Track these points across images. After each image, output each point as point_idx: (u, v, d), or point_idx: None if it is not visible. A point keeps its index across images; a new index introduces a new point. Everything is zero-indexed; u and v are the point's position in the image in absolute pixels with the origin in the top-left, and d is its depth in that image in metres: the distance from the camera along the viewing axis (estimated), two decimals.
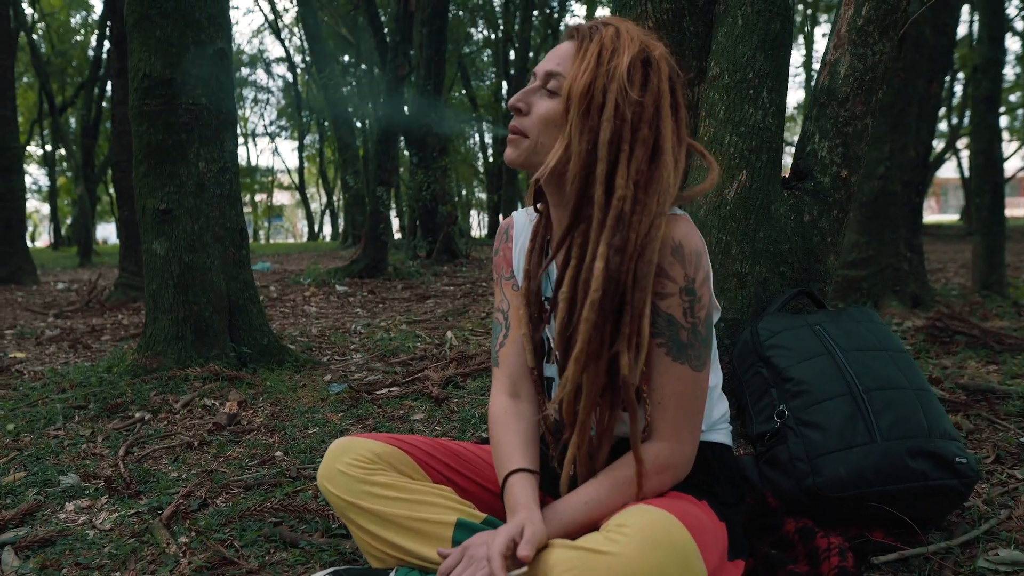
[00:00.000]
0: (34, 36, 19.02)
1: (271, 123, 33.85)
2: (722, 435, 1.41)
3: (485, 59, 22.82)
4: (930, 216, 35.68)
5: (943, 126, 21.43)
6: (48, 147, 24.76)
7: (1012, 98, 20.73)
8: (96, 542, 1.78)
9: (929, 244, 12.77)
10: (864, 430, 1.56)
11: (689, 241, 1.21)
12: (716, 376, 1.40)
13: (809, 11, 20.69)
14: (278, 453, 2.40)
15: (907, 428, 1.56)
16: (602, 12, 20.50)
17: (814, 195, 2.06)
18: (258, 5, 33.81)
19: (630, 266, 1.15)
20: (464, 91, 21.30)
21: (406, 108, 10.57)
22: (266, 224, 44.28)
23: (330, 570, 1.33)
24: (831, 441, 1.57)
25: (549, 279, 1.37)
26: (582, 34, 1.23)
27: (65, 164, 25.13)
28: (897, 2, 2.00)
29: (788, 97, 2.13)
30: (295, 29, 25.60)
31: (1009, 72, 20.98)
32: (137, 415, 2.86)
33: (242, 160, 35.66)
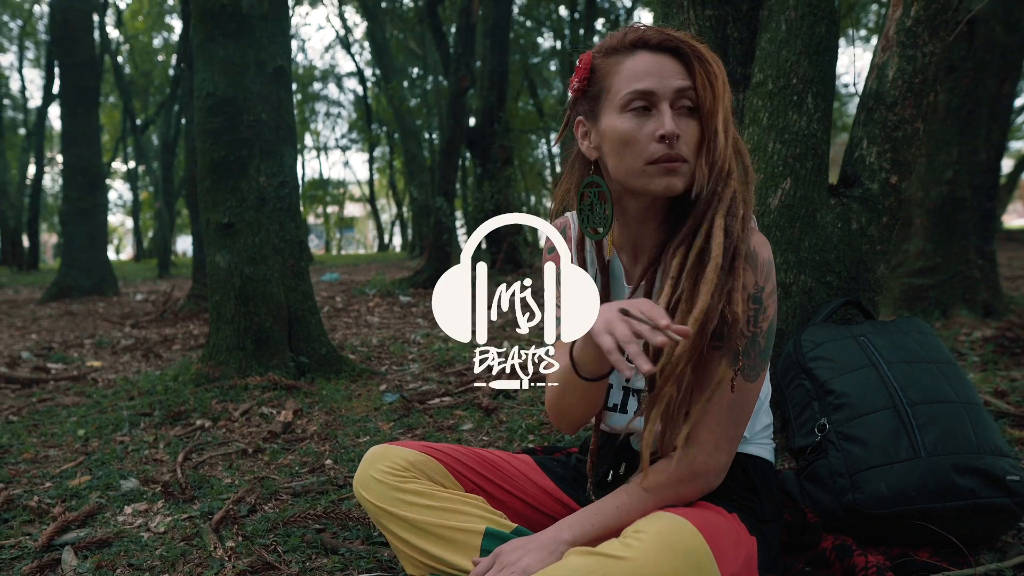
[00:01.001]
0: (119, 58, 19.92)
1: (342, 136, 34.55)
2: (763, 449, 1.39)
3: (552, 68, 22.87)
4: (1017, 220, 34.13)
5: None
6: (131, 163, 25.85)
7: None
8: (149, 544, 1.85)
9: (1012, 250, 12.23)
10: (908, 445, 1.51)
11: (763, 250, 1.23)
12: (765, 389, 1.39)
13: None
14: (328, 461, 2.45)
15: (954, 443, 1.51)
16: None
17: (862, 202, 2.00)
18: (329, 21, 34.65)
19: (737, 241, 1.17)
20: (532, 101, 21.38)
21: (472, 120, 10.68)
22: (338, 235, 45.23)
23: None
24: (873, 456, 1.52)
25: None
26: (686, 48, 1.22)
27: (147, 179, 26.20)
28: (948, 2, 1.94)
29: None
30: (365, 44, 26.15)
31: None
32: (198, 422, 2.96)
33: (314, 173, 36.54)
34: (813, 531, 1.54)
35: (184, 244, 39.68)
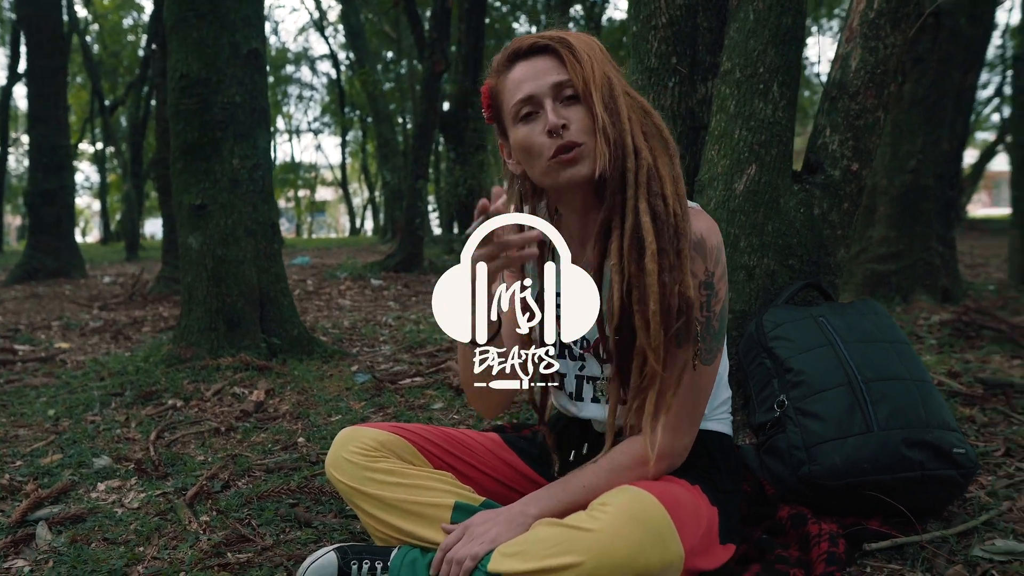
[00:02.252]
0: (87, 37, 19.54)
1: (315, 120, 34.24)
2: (722, 424, 1.45)
3: None
4: (981, 210, 34.77)
5: (995, 118, 20.90)
6: (99, 145, 25.43)
7: None
8: (123, 519, 1.87)
9: (975, 238, 12.49)
10: (861, 420, 1.58)
11: (710, 235, 1.27)
12: (723, 365, 1.44)
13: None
14: (300, 439, 2.48)
15: (905, 419, 1.58)
16: None
17: (824, 188, 2.06)
18: (303, 3, 34.25)
19: (671, 220, 1.19)
20: None
21: (445, 104, 10.67)
22: (309, 219, 44.89)
23: (335, 546, 1.40)
24: (829, 430, 1.59)
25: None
26: (555, 44, 1.26)
27: (115, 161, 25.79)
28: None
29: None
30: (339, 27, 25.89)
31: None
32: (170, 402, 2.98)
33: (286, 156, 36.20)
34: (770, 502, 1.60)
35: (152, 227, 39.15)
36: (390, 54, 22.09)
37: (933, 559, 1.47)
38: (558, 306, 1.40)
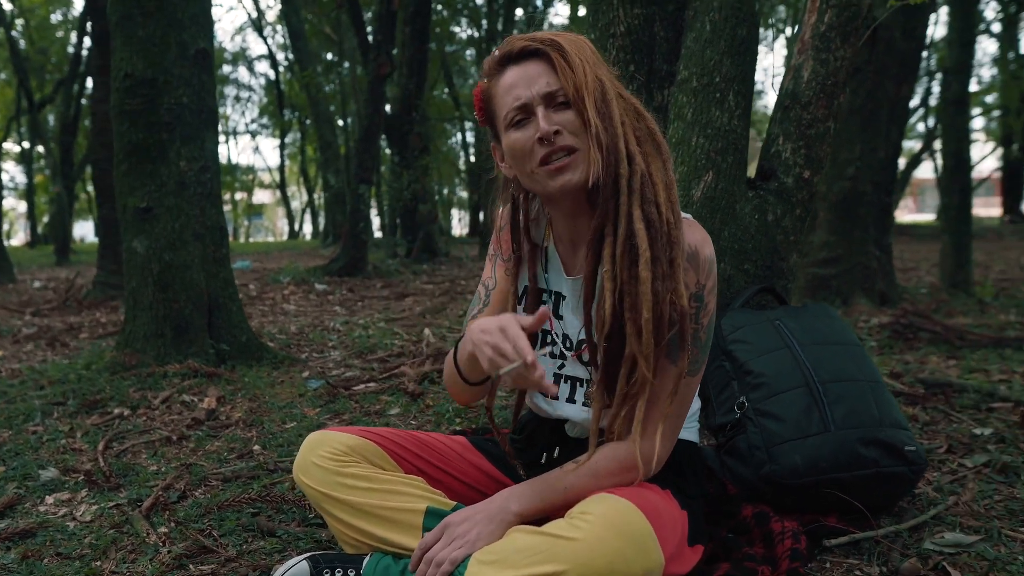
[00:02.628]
0: (12, 32, 18.83)
1: (252, 121, 33.66)
2: (691, 432, 1.48)
3: (468, 58, 22.82)
4: (908, 216, 36.03)
5: (920, 127, 21.73)
6: (26, 144, 24.50)
7: (988, 99, 21.00)
8: (76, 533, 1.81)
9: (904, 243, 12.95)
10: (819, 420, 1.63)
11: (703, 247, 1.28)
12: None
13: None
14: (256, 447, 2.44)
15: (859, 418, 1.63)
16: (583, 12, 20.53)
17: (778, 195, 2.13)
18: (241, 2, 33.64)
19: (664, 228, 1.20)
20: (447, 90, 21.29)
21: (388, 107, 10.60)
22: (246, 223, 44.05)
23: (307, 555, 1.38)
24: (788, 431, 1.64)
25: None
26: (546, 47, 1.26)
27: (43, 161, 24.89)
28: (858, 9, 2.08)
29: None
30: (278, 27, 25.51)
31: (986, 74, 21.27)
32: (116, 411, 2.89)
33: (223, 158, 35.37)
34: (733, 502, 1.64)
35: (82, 230, 37.92)
36: (330, 55, 21.83)
37: (888, 553, 1.53)
38: (544, 300, 1.42)
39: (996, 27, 18.68)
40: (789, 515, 1.61)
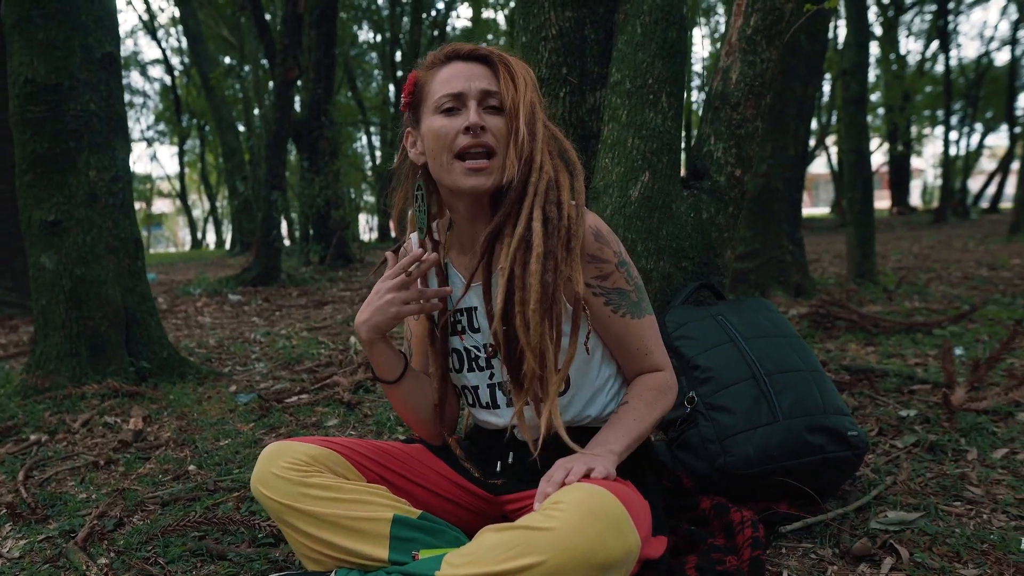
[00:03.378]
0: None
1: (148, 128, 32.28)
2: None
3: (371, 61, 22.58)
4: (803, 209, 37.60)
5: (813, 125, 22.73)
6: None
7: (872, 97, 22.17)
8: (6, 572, 1.70)
9: (805, 236, 13.50)
10: (768, 411, 1.68)
11: (602, 225, 1.41)
12: None
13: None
14: (191, 467, 2.35)
15: (805, 407, 1.69)
16: (487, 14, 20.66)
17: (711, 194, 2.18)
18: (131, 4, 32.30)
19: (563, 223, 1.30)
20: (351, 93, 21.04)
21: (296, 111, 10.37)
22: (146, 233, 42.34)
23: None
24: (739, 423, 1.68)
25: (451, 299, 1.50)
26: (494, 58, 1.37)
27: None
28: (782, 13, 2.15)
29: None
30: (172, 30, 24.61)
31: (871, 75, 22.39)
32: (32, 437, 2.74)
33: None
34: (690, 494, 1.68)
35: None
36: (228, 59, 21.22)
37: (839, 535, 1.59)
38: (457, 320, 1.49)
39: (877, 30, 19.74)
40: (744, 504, 1.65)
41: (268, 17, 12.36)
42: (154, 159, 41.81)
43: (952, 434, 2.13)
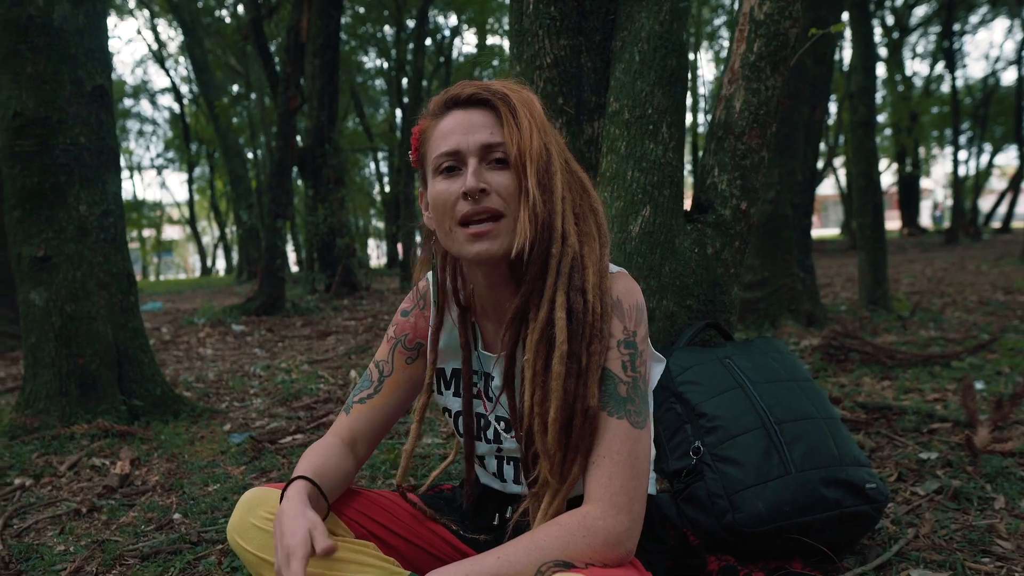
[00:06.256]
0: None
1: (158, 155, 32.49)
2: (649, 486, 1.39)
3: (378, 88, 22.66)
4: (813, 231, 37.47)
5: (822, 146, 22.67)
6: None
7: (879, 118, 22.11)
8: None
9: (815, 260, 13.38)
10: (779, 463, 1.58)
11: (628, 296, 1.19)
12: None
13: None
14: (176, 515, 2.25)
15: (819, 458, 1.59)
16: (491, 41, 20.72)
17: (716, 228, 2.09)
18: (140, 34, 32.65)
19: (587, 319, 1.12)
20: (358, 120, 21.10)
21: (299, 139, 10.37)
22: (156, 260, 42.50)
23: None
24: (748, 476, 1.57)
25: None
26: (496, 99, 1.16)
27: None
28: (786, 38, 2.07)
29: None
30: (180, 59, 24.82)
31: (877, 97, 22.36)
32: (17, 481, 2.64)
33: (128, 194, 34.11)
34: (696, 554, 1.56)
35: None
36: (236, 87, 21.36)
37: None
38: (474, 384, 1.33)
39: (883, 51, 19.72)
40: (753, 564, 1.54)
41: (272, 48, 12.40)
42: (164, 186, 42.08)
43: (977, 480, 2.01)
